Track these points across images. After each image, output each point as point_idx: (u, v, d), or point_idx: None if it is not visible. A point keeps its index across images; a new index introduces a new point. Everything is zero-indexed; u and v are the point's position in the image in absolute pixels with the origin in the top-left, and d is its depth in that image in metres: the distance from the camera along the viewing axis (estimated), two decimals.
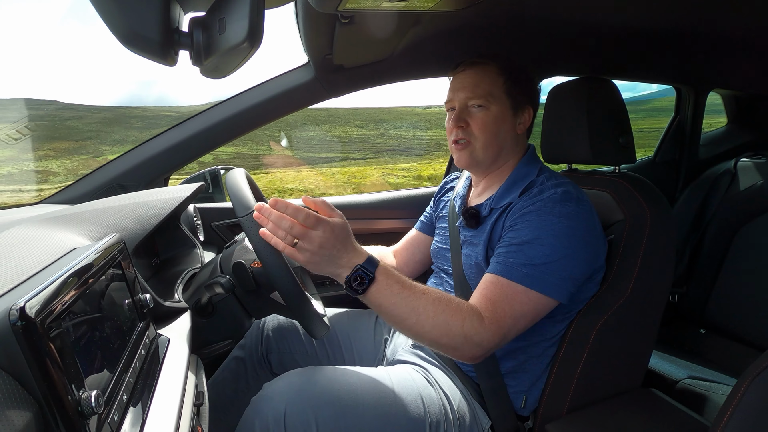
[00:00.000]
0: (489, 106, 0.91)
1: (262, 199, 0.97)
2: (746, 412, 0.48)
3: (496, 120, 0.91)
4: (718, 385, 1.17)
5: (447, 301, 0.75)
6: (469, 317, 0.75)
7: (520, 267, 0.79)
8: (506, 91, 0.91)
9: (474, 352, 0.76)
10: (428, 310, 0.73)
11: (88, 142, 9.83)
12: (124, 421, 0.47)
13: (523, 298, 0.78)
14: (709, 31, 1.08)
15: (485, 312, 0.77)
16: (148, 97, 62.39)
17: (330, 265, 0.72)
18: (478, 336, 0.74)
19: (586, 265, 0.83)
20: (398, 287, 0.74)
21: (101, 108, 11.55)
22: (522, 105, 0.94)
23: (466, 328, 0.74)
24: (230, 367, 1.08)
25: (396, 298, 0.73)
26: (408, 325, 0.74)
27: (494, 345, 0.76)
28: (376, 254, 1.17)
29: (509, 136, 0.94)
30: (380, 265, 0.74)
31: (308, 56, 1.16)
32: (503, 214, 0.89)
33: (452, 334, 0.74)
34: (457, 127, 0.92)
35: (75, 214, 0.74)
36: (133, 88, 43.17)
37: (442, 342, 0.75)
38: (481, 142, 0.92)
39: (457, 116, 0.93)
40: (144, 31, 0.43)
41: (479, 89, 0.91)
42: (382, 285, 0.73)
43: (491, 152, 0.93)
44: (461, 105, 0.93)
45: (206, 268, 0.92)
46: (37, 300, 0.39)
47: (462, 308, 0.75)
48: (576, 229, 0.80)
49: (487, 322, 0.75)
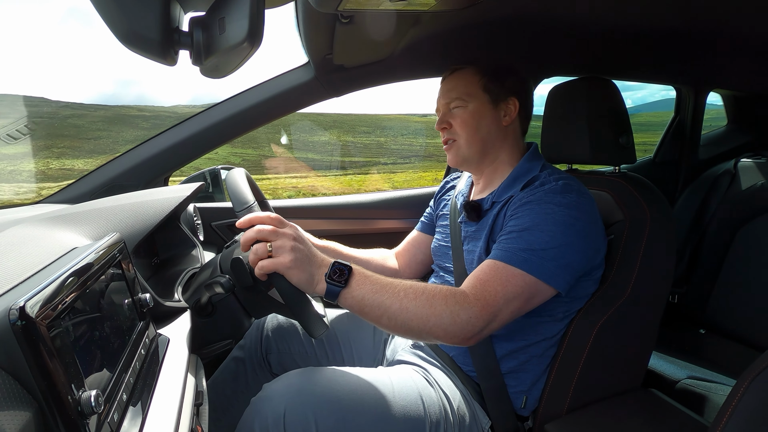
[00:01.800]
0: (466, 104, 0.95)
1: (262, 199, 0.97)
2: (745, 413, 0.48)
3: (473, 115, 0.94)
4: (717, 386, 1.17)
5: (425, 285, 0.76)
6: (452, 295, 0.74)
7: (519, 252, 0.79)
8: (483, 87, 0.95)
9: (465, 332, 0.74)
10: (409, 294, 0.73)
11: (100, 141, 9.74)
12: (123, 421, 0.47)
13: (519, 281, 0.77)
14: (709, 31, 1.08)
15: (471, 290, 0.76)
16: (126, 96, 61.81)
17: (309, 263, 0.72)
18: (464, 312, 0.73)
19: (585, 257, 0.83)
20: (375, 278, 0.74)
21: (98, 106, 11.33)
22: (502, 97, 0.96)
23: (451, 305, 0.73)
24: (229, 368, 1.08)
25: (376, 286, 0.73)
26: (393, 313, 0.72)
27: (485, 323, 0.75)
28: (378, 256, 1.20)
29: (493, 129, 0.96)
30: (354, 268, 0.74)
31: (308, 56, 1.16)
32: (505, 206, 0.89)
33: (438, 313, 0.72)
34: (442, 129, 0.98)
35: (75, 213, 0.74)
36: (111, 87, 43.10)
37: (431, 324, 0.73)
38: (463, 138, 0.95)
39: (440, 119, 0.98)
40: (144, 30, 0.43)
41: (455, 91, 0.96)
42: (360, 276, 0.73)
43: (476, 147, 0.96)
44: (444, 109, 0.99)
45: (206, 268, 0.92)
46: (37, 299, 0.39)
47: (443, 289, 0.76)
48: (576, 219, 0.81)
49: (472, 299, 0.75)
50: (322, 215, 1.52)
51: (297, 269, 0.70)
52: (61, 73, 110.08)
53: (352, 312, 0.75)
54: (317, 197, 1.60)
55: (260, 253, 0.70)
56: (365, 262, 1.14)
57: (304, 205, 1.53)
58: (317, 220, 1.50)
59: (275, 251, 0.70)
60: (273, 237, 0.70)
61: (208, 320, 0.87)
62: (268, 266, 0.70)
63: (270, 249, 0.70)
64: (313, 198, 1.60)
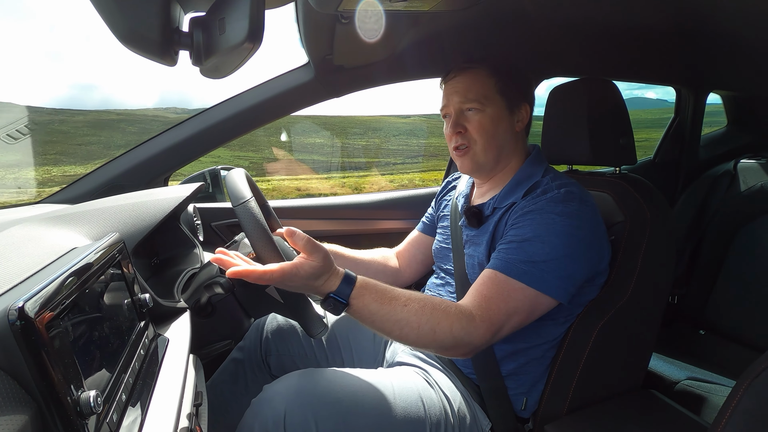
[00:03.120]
0: (484, 108, 0.91)
1: (262, 199, 0.97)
2: (745, 414, 0.48)
3: (492, 121, 0.91)
4: (717, 387, 1.17)
5: (431, 308, 0.74)
6: (458, 320, 0.74)
7: (520, 264, 0.78)
8: (499, 91, 0.92)
9: (466, 351, 0.76)
10: (411, 322, 0.72)
11: (92, 147, 9.69)
12: (123, 421, 0.47)
13: (519, 295, 0.77)
14: (709, 31, 1.08)
15: (477, 310, 0.76)
16: (90, 100, 60.63)
17: (304, 288, 0.72)
18: (468, 336, 0.74)
19: (587, 266, 0.83)
20: (376, 305, 0.72)
21: (76, 111, 11.11)
22: (517, 103, 0.94)
23: (455, 331, 0.73)
24: (229, 369, 1.07)
25: (374, 317, 0.72)
26: (394, 337, 0.74)
27: (486, 341, 0.76)
28: (378, 256, 1.19)
29: (508, 136, 0.94)
30: (355, 288, 0.71)
31: (308, 56, 1.16)
32: (506, 213, 0.89)
33: (440, 340, 0.73)
34: (456, 133, 0.93)
35: (74, 213, 0.74)
36: (74, 92, 42.08)
37: (432, 348, 0.75)
38: (480, 145, 0.92)
39: (454, 122, 0.93)
40: (144, 30, 0.43)
41: (472, 93, 0.91)
42: (356, 308, 0.72)
43: (492, 154, 0.93)
44: (457, 111, 0.93)
45: (206, 268, 0.92)
46: (37, 300, 0.39)
47: (449, 312, 0.74)
48: (578, 228, 0.80)
49: (478, 320, 0.75)
50: (322, 216, 1.52)
51: (291, 289, 0.72)
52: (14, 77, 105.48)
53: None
54: (317, 197, 1.60)
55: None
56: (367, 263, 1.13)
57: (304, 206, 1.52)
58: (317, 221, 1.50)
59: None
60: (263, 283, 0.69)
61: (208, 320, 0.87)
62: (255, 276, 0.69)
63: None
64: (314, 198, 1.60)
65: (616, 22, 1.05)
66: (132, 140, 9.44)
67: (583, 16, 1.02)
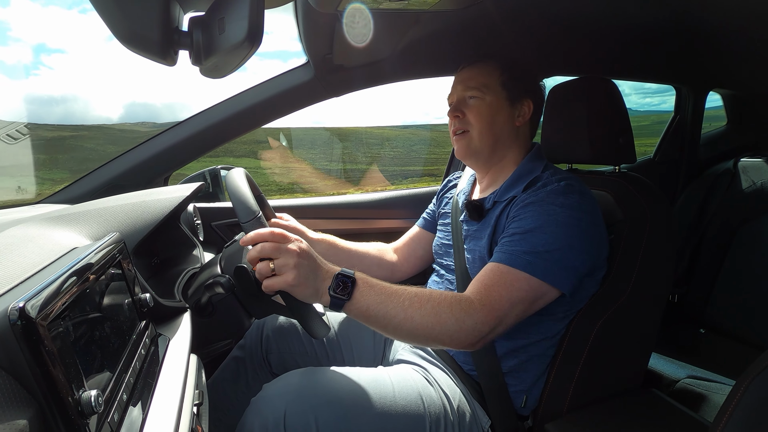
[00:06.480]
0: (484, 96, 0.94)
1: (262, 199, 0.97)
2: (746, 412, 0.48)
3: (490, 108, 0.94)
4: (717, 385, 1.17)
5: (430, 293, 0.75)
6: (458, 303, 0.74)
7: (523, 255, 0.79)
8: (502, 83, 0.94)
9: (471, 338, 0.74)
10: (414, 303, 0.72)
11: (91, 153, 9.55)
12: (124, 421, 0.47)
13: (523, 284, 0.77)
14: (709, 31, 1.08)
15: (476, 295, 0.76)
16: (50, 115, 58.94)
17: (314, 277, 0.70)
18: (470, 319, 0.73)
19: (588, 257, 0.83)
20: (380, 287, 0.73)
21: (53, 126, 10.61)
22: (519, 97, 0.95)
23: (456, 312, 0.73)
24: (230, 368, 1.08)
25: (381, 297, 0.72)
26: (398, 323, 0.72)
27: (490, 328, 0.75)
28: (375, 250, 1.19)
29: (506, 127, 0.95)
30: (356, 271, 0.73)
31: (308, 56, 1.16)
32: (507, 206, 0.89)
33: (443, 322, 0.72)
34: (454, 117, 0.97)
35: (75, 213, 0.74)
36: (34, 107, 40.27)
37: (436, 332, 0.73)
38: (477, 130, 0.95)
39: (454, 107, 0.97)
40: (144, 30, 0.43)
41: (474, 81, 0.95)
42: (364, 286, 0.72)
43: (488, 141, 0.95)
44: (459, 97, 0.97)
45: (206, 268, 0.92)
46: (37, 299, 0.39)
47: (448, 296, 0.75)
48: (579, 219, 0.81)
49: (478, 305, 0.75)
50: (322, 215, 1.52)
51: (301, 286, 0.69)
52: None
53: (358, 321, 0.75)
54: (317, 197, 1.60)
55: (264, 273, 0.69)
56: (362, 255, 1.13)
57: (304, 205, 1.53)
58: (317, 220, 1.50)
59: (279, 269, 0.69)
60: (276, 254, 0.69)
61: (208, 320, 0.86)
62: (274, 285, 0.69)
63: (273, 268, 0.69)
64: (313, 197, 1.60)
65: (616, 21, 1.05)
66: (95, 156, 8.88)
67: (583, 16, 1.02)
